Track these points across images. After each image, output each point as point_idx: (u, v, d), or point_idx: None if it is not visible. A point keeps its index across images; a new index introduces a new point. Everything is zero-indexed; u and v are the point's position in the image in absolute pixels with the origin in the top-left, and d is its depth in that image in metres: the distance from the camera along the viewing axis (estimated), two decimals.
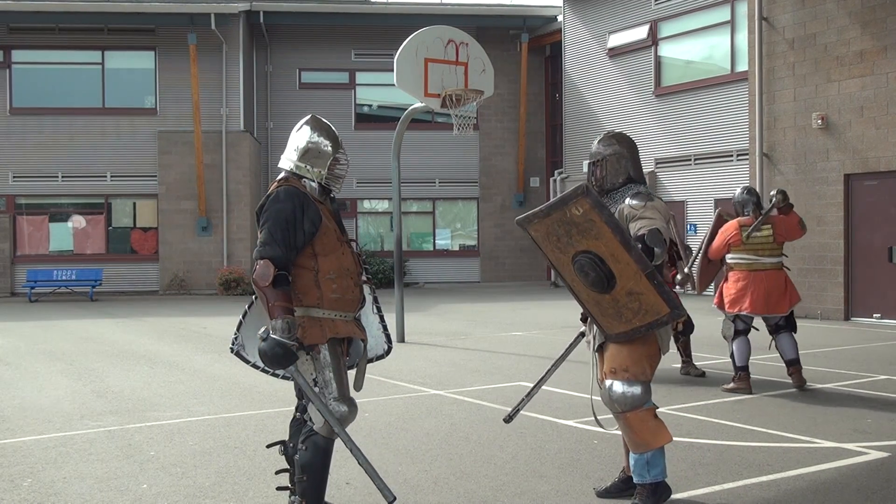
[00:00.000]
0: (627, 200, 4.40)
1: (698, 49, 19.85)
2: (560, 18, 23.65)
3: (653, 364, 4.32)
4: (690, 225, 19.22)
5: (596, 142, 4.67)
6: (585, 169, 4.74)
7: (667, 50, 20.45)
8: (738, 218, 7.87)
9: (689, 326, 8.64)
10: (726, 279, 7.87)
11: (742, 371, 7.66)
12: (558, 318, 15.00)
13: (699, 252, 8.12)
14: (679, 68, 20.31)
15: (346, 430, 3.82)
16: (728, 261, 7.84)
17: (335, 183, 4.06)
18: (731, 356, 7.78)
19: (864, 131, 13.61)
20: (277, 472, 4.22)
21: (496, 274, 25.25)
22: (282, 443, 4.09)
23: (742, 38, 17.68)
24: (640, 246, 4.09)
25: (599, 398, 4.44)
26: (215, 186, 22.66)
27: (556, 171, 23.93)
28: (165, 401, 7.54)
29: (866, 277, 13.70)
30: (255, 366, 4.09)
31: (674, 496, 4.47)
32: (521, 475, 5.04)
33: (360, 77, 24.91)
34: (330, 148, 4.03)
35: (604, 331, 4.30)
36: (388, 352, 4.27)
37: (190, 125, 22.30)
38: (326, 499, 4.03)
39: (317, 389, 3.83)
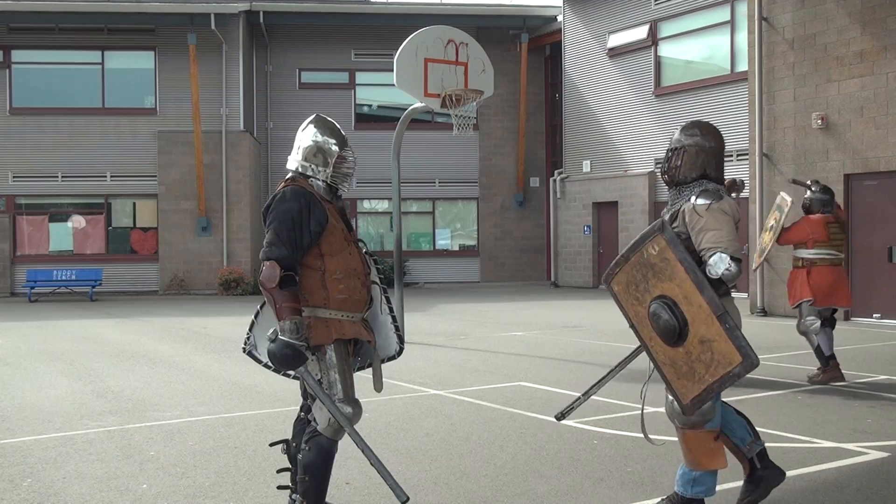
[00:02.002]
0: (692, 199, 4.07)
1: (698, 49, 19.85)
2: (560, 18, 23.64)
3: None
4: None
5: (679, 129, 4.30)
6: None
7: (667, 50, 20.45)
8: (824, 215, 8.05)
9: None
10: (809, 274, 8.00)
11: (833, 359, 7.96)
12: (558, 318, 15.01)
13: (773, 237, 8.14)
14: (679, 68, 20.31)
15: None
16: (811, 256, 8.00)
17: (342, 181, 4.04)
18: (818, 349, 8.00)
19: (864, 131, 13.61)
20: (279, 471, 4.22)
21: (496, 274, 25.25)
22: (284, 441, 4.09)
23: (742, 38, 17.68)
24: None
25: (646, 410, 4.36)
26: (215, 186, 22.65)
27: (556, 171, 23.94)
28: (165, 401, 7.54)
29: (866, 277, 13.70)
30: (266, 366, 4.08)
31: None
32: (521, 475, 5.04)
33: (360, 77, 24.91)
34: (335, 146, 4.01)
35: (679, 401, 3.98)
36: (399, 352, 4.25)
37: (190, 125, 22.29)
38: (326, 499, 4.03)
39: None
